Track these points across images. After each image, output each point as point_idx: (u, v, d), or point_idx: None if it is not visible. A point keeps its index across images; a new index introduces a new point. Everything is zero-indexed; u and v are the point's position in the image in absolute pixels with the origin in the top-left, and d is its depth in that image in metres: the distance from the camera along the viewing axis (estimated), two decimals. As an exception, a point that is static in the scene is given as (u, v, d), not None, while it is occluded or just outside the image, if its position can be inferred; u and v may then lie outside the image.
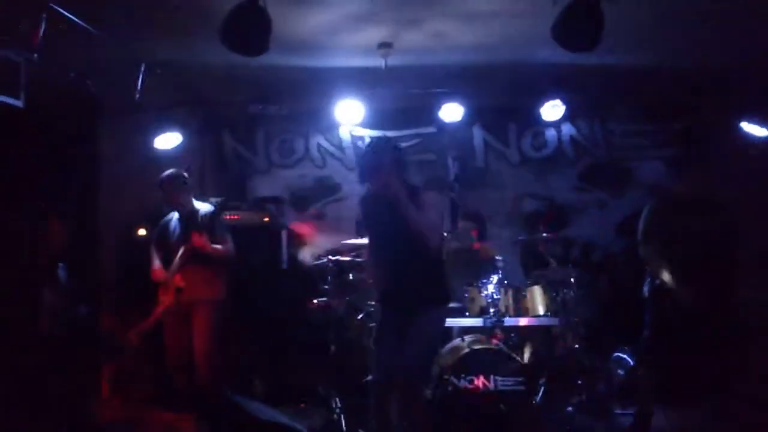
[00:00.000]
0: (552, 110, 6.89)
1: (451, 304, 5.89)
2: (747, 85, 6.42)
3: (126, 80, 5.65)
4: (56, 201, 6.09)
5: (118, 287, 6.80)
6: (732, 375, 5.11)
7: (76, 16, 4.49)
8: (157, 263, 5.43)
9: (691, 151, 7.07)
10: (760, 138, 6.50)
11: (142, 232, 6.68)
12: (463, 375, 5.23)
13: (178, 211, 5.50)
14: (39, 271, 4.81)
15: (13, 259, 4.86)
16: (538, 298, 5.98)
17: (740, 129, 6.56)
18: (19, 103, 4.68)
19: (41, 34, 4.34)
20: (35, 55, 4.41)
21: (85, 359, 4.86)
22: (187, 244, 5.20)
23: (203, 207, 5.56)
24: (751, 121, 6.50)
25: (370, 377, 4.74)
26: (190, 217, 5.44)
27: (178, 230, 5.46)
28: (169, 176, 5.44)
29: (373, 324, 5.96)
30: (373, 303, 5.99)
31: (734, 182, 6.38)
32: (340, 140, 7.67)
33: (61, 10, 4.34)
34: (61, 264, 4.99)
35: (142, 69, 5.62)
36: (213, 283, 5.40)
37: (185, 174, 5.53)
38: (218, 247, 5.30)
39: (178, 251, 5.34)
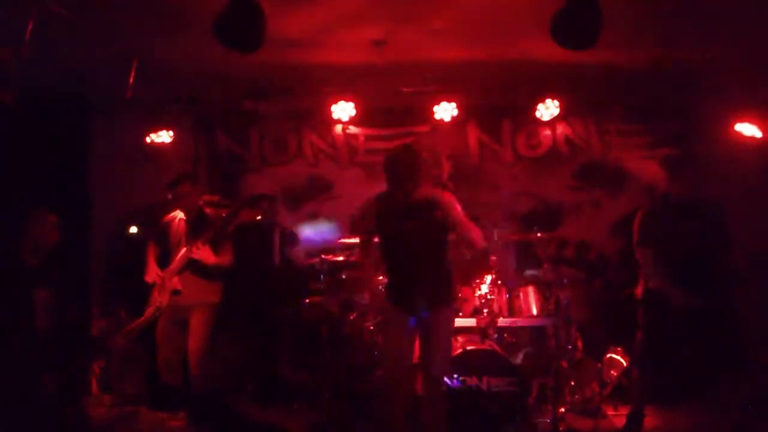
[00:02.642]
0: (547, 109, 6.88)
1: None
2: (741, 86, 6.41)
3: (118, 76, 5.59)
4: (48, 196, 6.05)
5: (108, 285, 6.76)
6: (725, 376, 5.10)
7: (67, 12, 4.44)
8: (153, 263, 5.36)
9: (684, 152, 7.07)
10: (753, 139, 6.50)
11: (133, 230, 6.63)
12: (455, 375, 5.21)
13: (185, 213, 5.42)
14: (34, 269, 4.75)
15: (6, 256, 4.80)
16: (531, 299, 5.98)
17: (734, 130, 6.56)
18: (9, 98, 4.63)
19: (32, 29, 4.30)
20: (26, 51, 4.36)
21: (76, 357, 4.80)
22: (188, 251, 5.13)
23: (212, 212, 5.48)
24: (744, 121, 6.50)
25: (380, 372, 4.82)
26: (197, 221, 5.34)
27: (182, 231, 5.39)
28: (181, 177, 5.35)
29: (368, 323, 5.97)
30: (367, 302, 6.02)
31: (728, 183, 6.38)
32: (333, 138, 7.63)
33: (53, 6, 4.29)
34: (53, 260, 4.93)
35: (135, 65, 5.56)
36: (211, 288, 5.33)
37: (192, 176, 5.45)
38: (218, 260, 5.20)
39: (178, 252, 5.28)
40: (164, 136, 6.71)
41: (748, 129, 6.50)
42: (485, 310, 5.71)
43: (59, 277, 4.91)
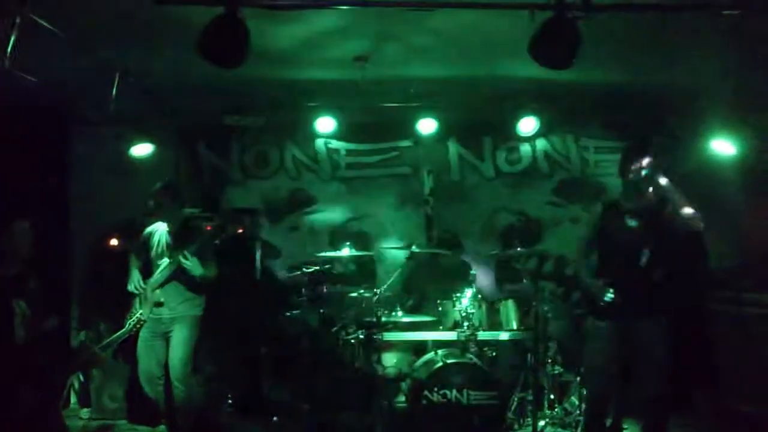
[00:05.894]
0: (527, 125, 6.94)
1: (426, 318, 5.96)
2: (717, 103, 6.50)
3: (100, 88, 5.59)
4: (27, 207, 6.01)
5: (88, 297, 6.72)
6: (701, 386, 5.16)
7: (49, 24, 4.44)
8: (135, 273, 5.34)
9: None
10: (729, 155, 6.59)
11: (113, 242, 6.60)
12: (436, 388, 5.23)
13: (168, 225, 5.40)
14: (10, 280, 4.70)
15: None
16: (511, 313, 6.01)
17: (712, 147, 6.65)
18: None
19: (13, 40, 4.28)
20: (6, 62, 4.34)
21: (54, 370, 4.76)
22: (174, 261, 5.11)
23: (197, 224, 5.45)
24: (721, 138, 6.59)
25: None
26: (180, 232, 5.32)
27: (163, 243, 5.37)
28: (164, 188, 5.32)
29: (348, 337, 5.96)
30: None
31: (705, 198, 6.46)
32: (315, 152, 7.65)
33: (35, 18, 4.28)
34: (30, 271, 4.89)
35: (116, 78, 5.56)
36: (193, 301, 5.31)
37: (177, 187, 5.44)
38: (205, 271, 5.21)
39: (160, 264, 5.26)
40: (145, 149, 6.70)
41: (724, 146, 6.59)
42: (466, 324, 5.74)
43: (37, 288, 4.87)
